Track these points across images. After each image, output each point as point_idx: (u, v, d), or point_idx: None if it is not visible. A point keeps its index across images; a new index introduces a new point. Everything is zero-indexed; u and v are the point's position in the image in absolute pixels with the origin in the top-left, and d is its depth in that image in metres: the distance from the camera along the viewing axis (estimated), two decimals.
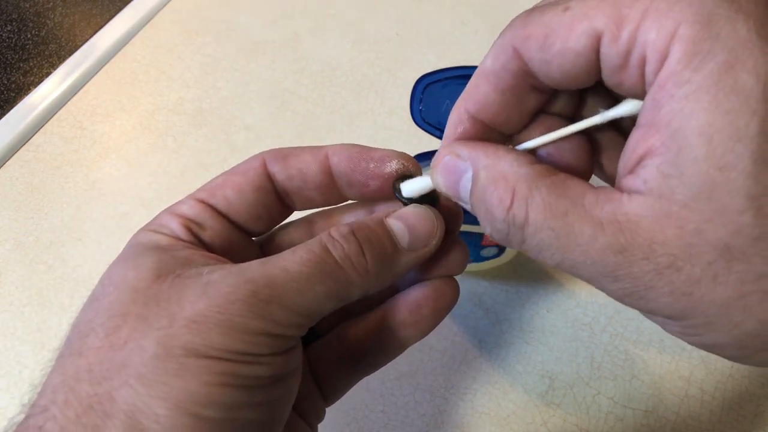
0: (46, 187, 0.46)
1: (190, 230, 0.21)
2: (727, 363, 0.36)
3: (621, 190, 0.16)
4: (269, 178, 0.22)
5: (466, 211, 0.31)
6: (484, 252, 0.37)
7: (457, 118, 0.20)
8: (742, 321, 0.15)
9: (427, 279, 0.23)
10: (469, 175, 0.18)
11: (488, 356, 0.37)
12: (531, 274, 0.40)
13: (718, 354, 0.16)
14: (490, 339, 0.37)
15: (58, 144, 0.49)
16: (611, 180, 0.21)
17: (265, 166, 0.22)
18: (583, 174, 0.20)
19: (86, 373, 0.16)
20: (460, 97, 0.20)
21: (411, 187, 0.21)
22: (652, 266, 0.15)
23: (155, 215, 0.22)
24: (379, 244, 0.20)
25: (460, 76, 0.35)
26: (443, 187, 0.20)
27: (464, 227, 0.34)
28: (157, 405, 0.16)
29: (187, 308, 0.17)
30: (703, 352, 0.36)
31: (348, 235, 0.19)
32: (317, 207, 0.24)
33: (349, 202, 0.24)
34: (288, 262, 0.18)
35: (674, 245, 0.15)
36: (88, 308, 0.18)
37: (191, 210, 0.21)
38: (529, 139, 0.20)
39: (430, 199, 0.22)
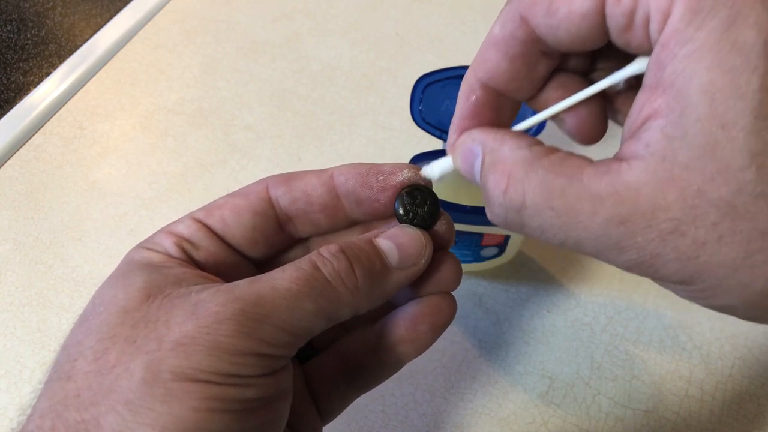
0: (46, 187, 0.46)
1: (182, 249, 0.21)
2: (728, 363, 0.36)
3: (621, 158, 0.16)
4: (271, 203, 0.22)
5: (466, 211, 0.31)
6: (484, 252, 0.37)
7: (469, 87, 0.20)
8: (751, 281, 0.14)
9: (424, 295, 0.23)
10: (480, 159, 0.18)
11: (488, 356, 0.37)
12: (531, 274, 0.40)
13: (731, 314, 0.16)
14: (490, 339, 0.37)
15: (58, 144, 0.49)
16: None
17: (267, 190, 0.22)
18: (598, 129, 0.20)
19: (74, 398, 0.16)
20: (470, 67, 0.20)
21: (434, 168, 0.22)
22: (656, 234, 0.15)
23: (152, 231, 0.22)
24: (368, 261, 0.20)
25: (460, 76, 0.35)
26: (461, 170, 0.20)
27: (464, 227, 0.34)
28: None
29: (175, 330, 0.17)
30: (704, 352, 0.36)
31: (338, 253, 0.19)
32: (322, 231, 0.24)
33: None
34: (277, 280, 0.18)
35: (677, 209, 0.14)
36: (78, 329, 0.18)
37: (187, 229, 0.21)
38: (545, 100, 0.20)
39: (424, 221, 0.22)
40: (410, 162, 0.35)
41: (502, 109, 0.20)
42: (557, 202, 0.16)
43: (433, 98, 0.35)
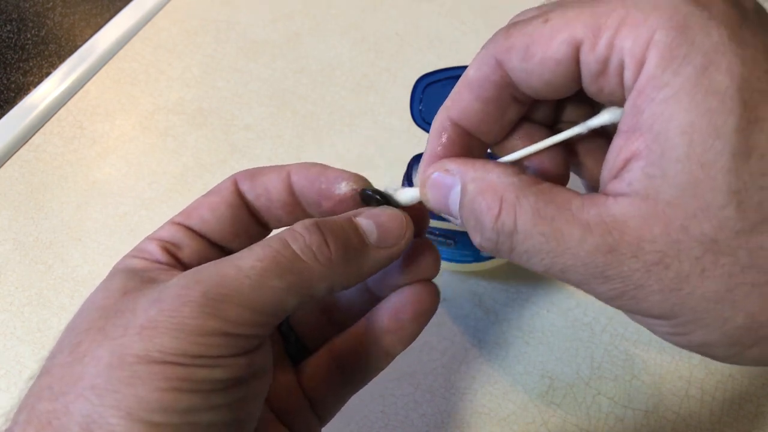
0: (46, 187, 0.46)
1: (167, 251, 0.21)
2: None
3: (606, 194, 0.16)
4: (241, 195, 0.22)
5: None
6: (484, 252, 0.37)
7: (440, 125, 0.21)
8: (732, 315, 0.15)
9: (405, 285, 0.23)
10: (457, 189, 0.19)
11: (488, 356, 0.37)
12: (531, 274, 0.40)
13: (707, 355, 0.16)
14: (490, 339, 0.37)
15: (58, 144, 0.49)
16: (593, 181, 0.21)
17: (236, 184, 0.22)
18: (560, 178, 0.21)
19: (47, 390, 0.17)
20: (443, 105, 0.21)
21: (398, 196, 0.22)
22: (641, 264, 0.15)
23: (153, 231, 0.22)
24: (344, 235, 0.20)
25: (460, 76, 0.35)
26: (432, 202, 0.20)
27: (463, 227, 0.34)
28: (110, 414, 0.16)
29: (140, 315, 0.17)
30: None
31: (311, 227, 0.19)
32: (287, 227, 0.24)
33: None
34: (242, 259, 0.18)
35: (662, 242, 0.15)
36: (63, 333, 0.19)
37: (168, 233, 0.21)
38: (511, 148, 0.21)
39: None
40: (410, 162, 0.35)
41: (472, 151, 0.21)
42: (547, 228, 0.17)
43: (433, 98, 0.35)
